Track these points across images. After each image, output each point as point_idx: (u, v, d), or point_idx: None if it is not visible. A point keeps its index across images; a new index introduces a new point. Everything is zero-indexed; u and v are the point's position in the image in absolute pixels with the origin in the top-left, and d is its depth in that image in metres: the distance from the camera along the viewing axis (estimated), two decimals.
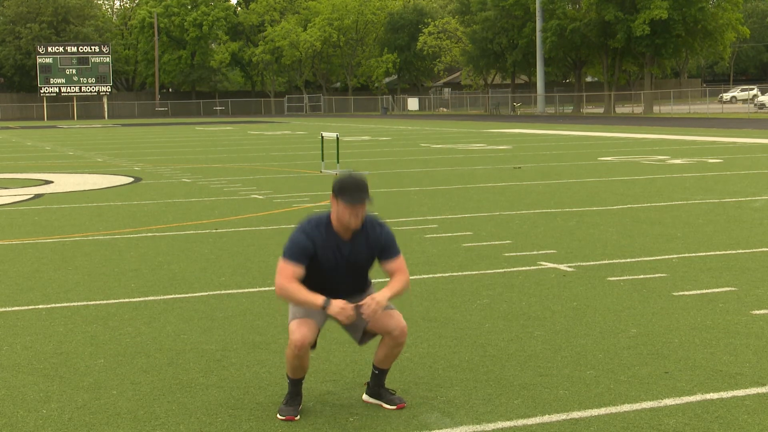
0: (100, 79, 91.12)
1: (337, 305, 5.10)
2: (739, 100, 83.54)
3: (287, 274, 5.16)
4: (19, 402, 5.68)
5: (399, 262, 5.34)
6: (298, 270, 5.18)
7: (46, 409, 5.55)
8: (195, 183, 19.96)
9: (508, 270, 9.50)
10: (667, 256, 10.06)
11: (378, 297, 5.18)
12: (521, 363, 6.25)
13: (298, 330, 5.22)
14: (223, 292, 8.71)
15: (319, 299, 5.12)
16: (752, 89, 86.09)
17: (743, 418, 5.19)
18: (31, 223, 13.89)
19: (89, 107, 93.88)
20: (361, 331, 5.43)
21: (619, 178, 19.36)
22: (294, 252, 5.19)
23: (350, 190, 5.14)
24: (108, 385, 5.97)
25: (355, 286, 5.42)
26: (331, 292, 5.30)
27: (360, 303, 5.21)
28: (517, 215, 13.72)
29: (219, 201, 16.45)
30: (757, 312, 7.54)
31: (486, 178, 19.84)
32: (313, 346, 5.33)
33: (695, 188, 17.04)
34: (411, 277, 9.02)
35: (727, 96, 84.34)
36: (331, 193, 5.22)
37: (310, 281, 5.29)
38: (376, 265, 5.47)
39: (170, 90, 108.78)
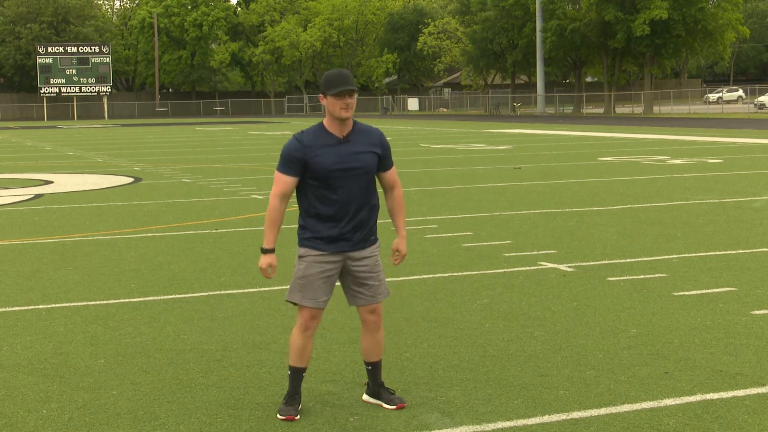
0: (100, 80, 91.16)
1: (264, 261, 5.28)
2: (725, 101, 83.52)
3: (279, 188, 5.26)
4: (19, 402, 5.68)
5: (395, 173, 5.51)
6: (290, 180, 5.24)
7: (46, 409, 5.55)
8: (195, 183, 19.96)
9: (508, 270, 9.50)
10: (667, 256, 10.06)
11: (400, 247, 5.47)
12: (521, 363, 6.25)
13: (307, 309, 5.31)
14: (223, 292, 8.71)
15: (265, 243, 5.30)
16: (737, 90, 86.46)
17: (743, 418, 5.19)
18: (31, 223, 13.89)
19: (89, 107, 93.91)
20: (355, 303, 5.46)
21: (619, 178, 19.36)
22: (284, 162, 5.25)
23: (336, 80, 5.16)
24: (108, 385, 5.97)
25: (364, 198, 5.31)
26: (341, 203, 5.24)
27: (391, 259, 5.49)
28: (517, 215, 13.72)
29: (219, 201, 16.46)
30: (757, 312, 7.54)
31: (486, 178, 19.84)
32: None
33: (695, 188, 17.04)
34: (411, 277, 9.09)
35: (713, 97, 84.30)
36: (320, 94, 5.25)
37: (317, 190, 5.25)
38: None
39: (170, 90, 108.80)
